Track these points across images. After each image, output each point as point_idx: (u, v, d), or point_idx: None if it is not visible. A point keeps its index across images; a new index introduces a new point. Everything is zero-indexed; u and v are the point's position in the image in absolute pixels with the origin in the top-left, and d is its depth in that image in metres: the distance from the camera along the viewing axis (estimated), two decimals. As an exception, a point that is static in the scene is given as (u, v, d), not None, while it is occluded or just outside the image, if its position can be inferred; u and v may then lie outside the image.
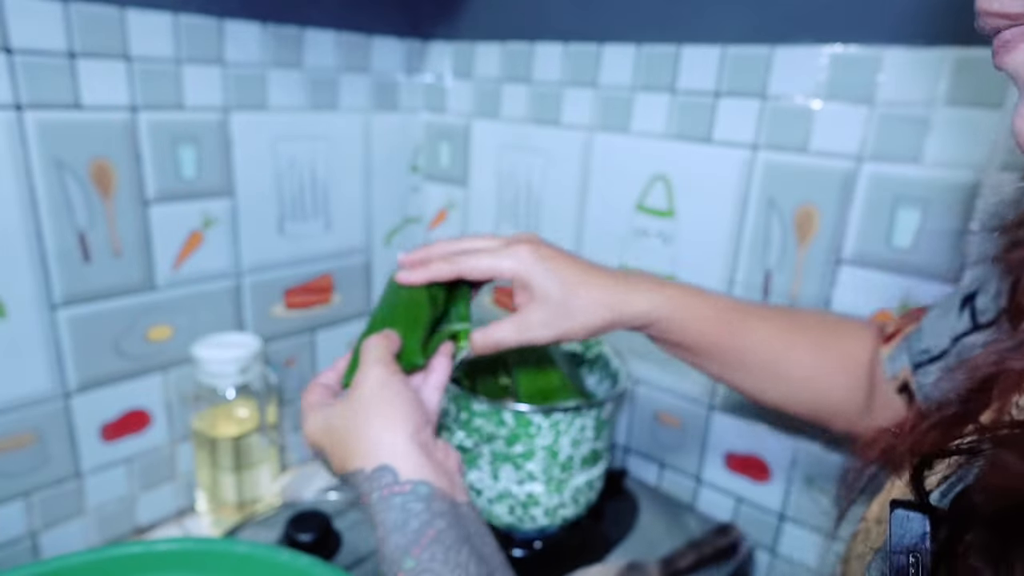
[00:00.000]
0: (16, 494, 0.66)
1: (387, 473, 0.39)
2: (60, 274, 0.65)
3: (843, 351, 0.50)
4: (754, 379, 0.51)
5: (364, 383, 0.43)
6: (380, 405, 0.41)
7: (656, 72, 0.74)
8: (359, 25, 0.84)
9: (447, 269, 0.49)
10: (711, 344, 0.50)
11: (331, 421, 0.43)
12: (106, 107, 0.64)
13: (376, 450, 0.40)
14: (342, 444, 0.42)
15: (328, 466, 0.45)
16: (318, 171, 0.84)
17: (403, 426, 0.40)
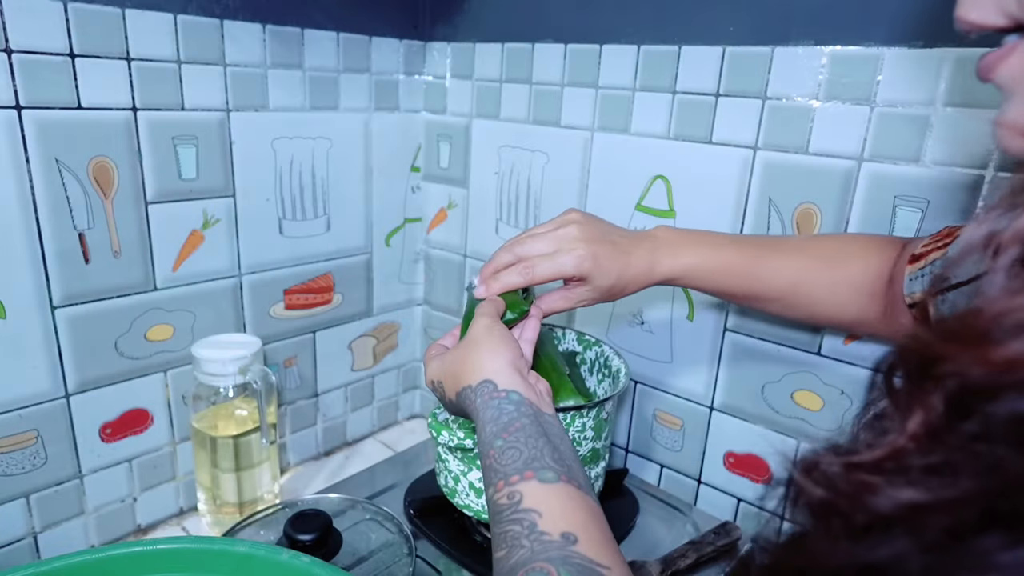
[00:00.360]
0: (16, 494, 0.66)
1: (488, 384, 0.48)
2: (60, 274, 0.65)
3: (859, 270, 0.56)
4: (776, 305, 0.60)
5: (474, 329, 0.53)
6: (486, 341, 0.51)
7: (656, 72, 0.74)
8: (359, 25, 0.84)
9: (518, 281, 0.56)
10: (733, 285, 0.58)
11: (446, 360, 0.53)
12: (106, 107, 0.64)
13: (481, 370, 0.49)
14: (454, 373, 0.52)
15: (443, 397, 0.54)
16: (318, 171, 0.84)
17: (503, 354, 0.50)
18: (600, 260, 0.55)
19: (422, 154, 0.98)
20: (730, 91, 0.70)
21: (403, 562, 0.66)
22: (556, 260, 0.55)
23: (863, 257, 0.56)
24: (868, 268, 0.56)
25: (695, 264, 0.57)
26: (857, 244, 0.58)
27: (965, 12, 0.26)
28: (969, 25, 0.27)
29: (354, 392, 0.98)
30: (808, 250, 0.58)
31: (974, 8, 0.26)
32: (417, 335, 1.06)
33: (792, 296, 0.58)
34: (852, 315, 0.57)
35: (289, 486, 0.88)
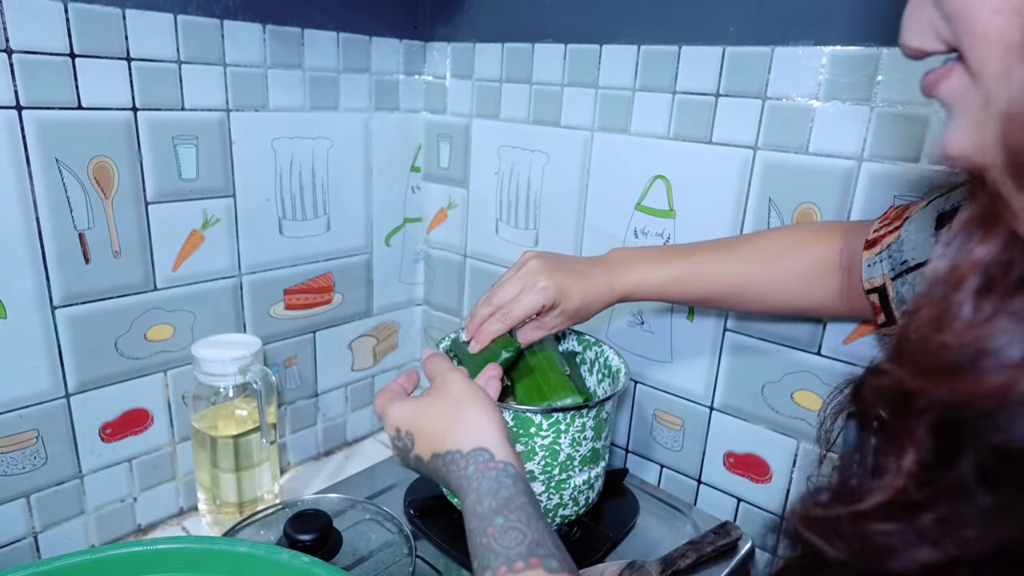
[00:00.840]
0: (16, 494, 0.66)
1: (484, 452, 0.46)
2: (60, 274, 0.65)
3: (803, 262, 0.59)
4: (728, 303, 0.64)
5: (450, 383, 0.51)
6: (472, 400, 0.49)
7: (656, 72, 0.74)
8: (359, 25, 0.84)
9: (500, 328, 0.62)
10: (683, 292, 0.62)
11: (421, 410, 0.51)
12: (106, 107, 0.64)
13: (473, 434, 0.47)
14: (434, 428, 0.49)
15: (407, 451, 0.51)
16: (318, 171, 0.84)
17: (494, 419, 0.48)
18: (563, 287, 0.60)
19: (422, 154, 0.98)
20: (730, 91, 0.70)
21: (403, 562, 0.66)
22: (525, 299, 0.60)
23: (806, 248, 0.59)
24: (813, 258, 0.58)
25: (644, 279, 0.62)
26: (797, 236, 0.61)
27: (908, 39, 0.28)
28: (912, 51, 0.28)
29: (354, 392, 0.98)
30: (750, 249, 0.61)
31: (915, 36, 0.28)
32: (417, 335, 1.06)
33: (739, 295, 0.61)
34: (805, 303, 0.61)
35: (289, 486, 0.88)
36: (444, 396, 0.50)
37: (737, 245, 0.62)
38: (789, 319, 0.71)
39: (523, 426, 0.63)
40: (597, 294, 0.61)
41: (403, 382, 0.57)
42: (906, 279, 0.49)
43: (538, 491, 0.66)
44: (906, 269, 0.49)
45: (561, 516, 0.68)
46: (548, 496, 0.66)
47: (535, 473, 0.65)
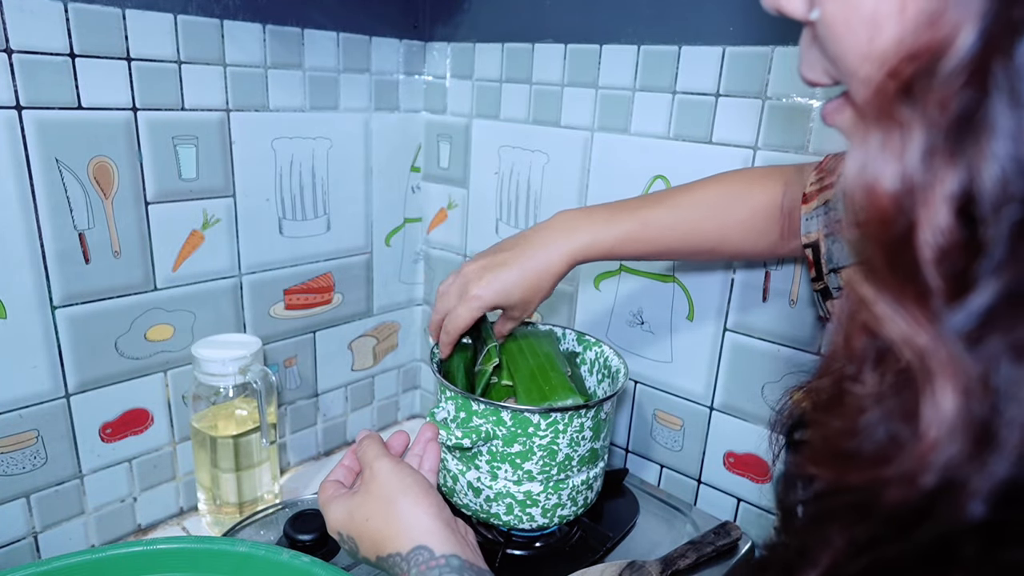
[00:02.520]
0: (16, 494, 0.66)
1: (423, 551, 0.43)
2: (60, 274, 0.65)
3: (745, 212, 0.60)
4: (682, 254, 0.64)
5: (378, 475, 0.48)
6: (400, 490, 0.47)
7: (656, 72, 0.74)
8: (359, 25, 0.84)
9: (447, 339, 0.65)
10: (635, 250, 0.61)
11: (354, 513, 0.47)
12: (106, 107, 0.64)
13: (408, 532, 0.44)
14: (370, 533, 0.46)
15: (355, 553, 0.48)
16: (318, 171, 0.84)
17: (427, 507, 0.46)
18: (499, 289, 0.61)
19: (422, 154, 0.98)
20: (730, 91, 0.70)
21: (403, 562, 0.65)
22: (461, 313, 0.62)
23: (750, 196, 0.60)
24: (757, 205, 0.59)
25: (593, 241, 0.60)
26: (739, 184, 0.61)
27: (803, 72, 0.30)
28: (807, 82, 0.30)
29: (354, 392, 0.98)
30: (696, 201, 0.61)
31: (808, 70, 0.29)
32: (417, 335, 1.06)
33: (689, 246, 0.62)
34: (752, 249, 0.62)
35: (289, 486, 0.88)
36: (374, 493, 0.47)
37: (681, 197, 0.62)
38: (790, 319, 0.71)
39: (521, 426, 0.63)
40: (540, 274, 0.60)
41: (344, 471, 0.54)
42: (837, 237, 0.50)
43: (536, 491, 0.66)
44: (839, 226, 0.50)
45: (560, 516, 0.68)
46: (547, 496, 0.66)
47: (533, 473, 0.65)
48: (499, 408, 0.62)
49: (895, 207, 0.20)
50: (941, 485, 0.20)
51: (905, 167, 0.20)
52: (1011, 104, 0.18)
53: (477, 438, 0.63)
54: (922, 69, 0.20)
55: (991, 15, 0.19)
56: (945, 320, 0.19)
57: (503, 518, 0.67)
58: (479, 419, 0.64)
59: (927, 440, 0.20)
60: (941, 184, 0.19)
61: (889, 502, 0.21)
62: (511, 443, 0.63)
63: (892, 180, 0.20)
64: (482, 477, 0.66)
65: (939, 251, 0.19)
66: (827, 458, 0.24)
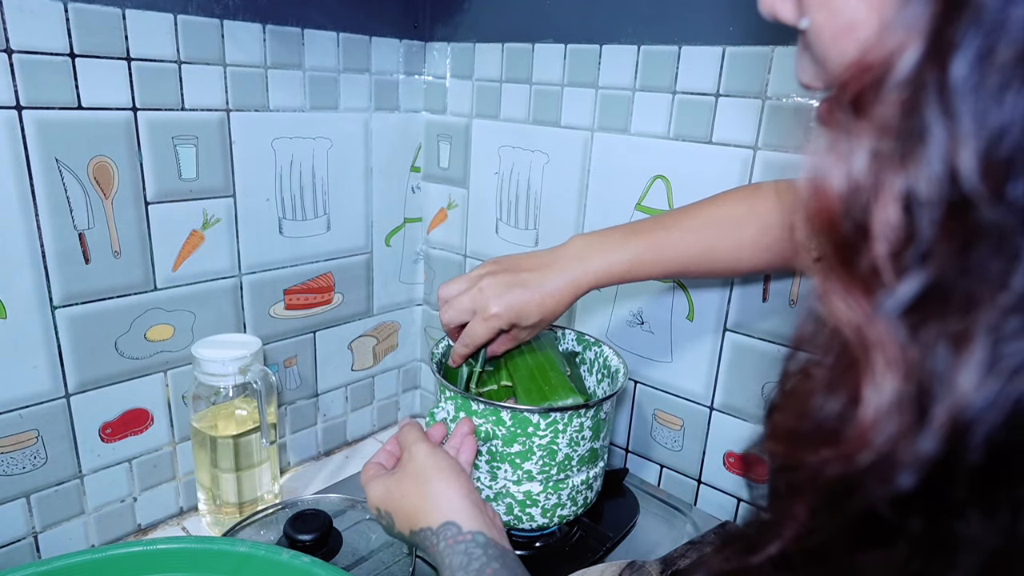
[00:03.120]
0: (16, 494, 0.66)
1: (451, 527, 0.47)
2: (60, 274, 0.65)
3: (756, 230, 0.60)
4: (697, 273, 0.64)
5: (415, 457, 0.53)
6: (435, 471, 0.51)
7: (656, 72, 0.74)
8: (359, 25, 0.84)
9: (464, 351, 0.66)
10: (649, 271, 0.62)
11: (392, 490, 0.52)
12: (106, 107, 0.64)
13: (440, 509, 0.49)
14: (405, 508, 0.51)
15: (391, 528, 0.53)
16: (318, 171, 0.84)
17: (458, 487, 0.50)
18: (518, 310, 0.61)
19: (422, 154, 0.98)
20: (730, 91, 0.70)
21: (403, 562, 0.66)
22: (479, 330, 0.62)
23: (756, 214, 0.60)
24: (765, 222, 0.60)
25: (607, 267, 0.61)
26: (744, 202, 0.62)
27: (798, 75, 0.31)
28: (802, 85, 0.31)
29: (354, 392, 0.98)
30: (707, 221, 0.62)
31: (803, 74, 0.31)
32: (417, 335, 1.06)
33: (703, 265, 0.62)
34: (766, 264, 0.62)
35: (289, 486, 0.88)
36: (411, 472, 0.52)
37: (692, 219, 0.62)
38: (790, 319, 0.71)
39: (521, 426, 0.63)
40: (558, 300, 0.61)
41: (386, 455, 0.58)
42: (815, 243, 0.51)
43: (536, 491, 0.66)
44: None
45: (560, 516, 0.68)
46: (546, 496, 0.66)
47: (532, 473, 0.65)
48: (499, 408, 0.62)
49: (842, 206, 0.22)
50: (876, 460, 0.21)
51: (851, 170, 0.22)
52: (943, 117, 0.20)
53: (477, 438, 0.63)
54: (871, 81, 0.22)
55: (931, 34, 0.20)
56: (882, 304, 0.21)
57: (503, 518, 0.67)
58: (479, 419, 0.64)
59: (865, 420, 0.21)
60: (890, 185, 0.21)
61: (829, 477, 0.23)
62: (511, 443, 0.63)
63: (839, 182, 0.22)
64: (482, 477, 0.66)
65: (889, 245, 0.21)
66: (781, 437, 0.26)
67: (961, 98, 0.19)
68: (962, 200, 0.20)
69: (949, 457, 0.21)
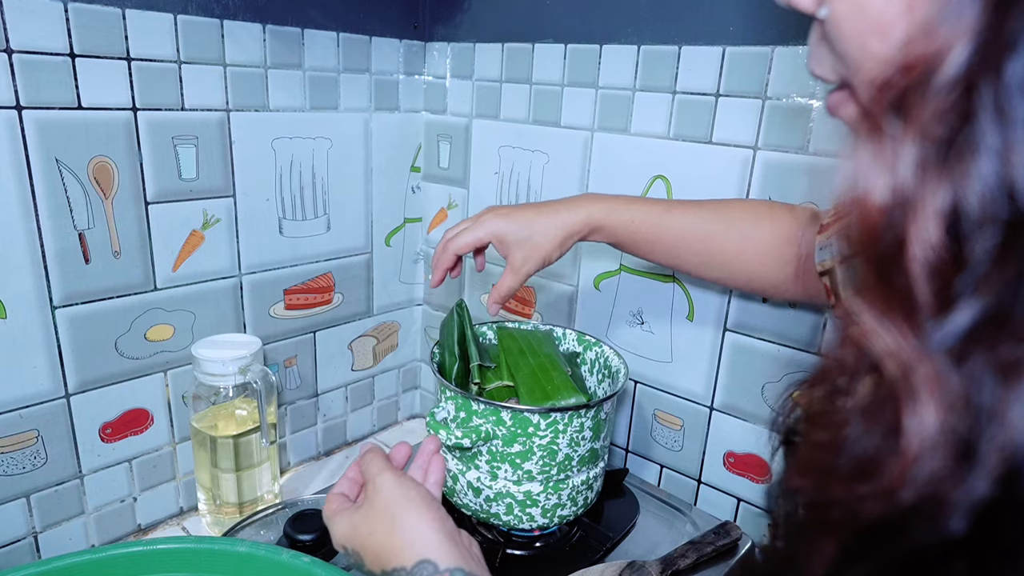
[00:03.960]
0: (16, 494, 0.66)
1: (428, 566, 0.43)
2: (60, 274, 0.65)
3: (767, 232, 0.59)
4: (690, 263, 0.62)
5: (380, 490, 0.48)
6: (403, 504, 0.46)
7: (656, 72, 0.74)
8: (359, 25, 0.84)
9: (446, 257, 0.64)
10: (648, 234, 0.61)
11: (358, 527, 0.47)
12: (106, 107, 0.64)
13: (412, 546, 0.44)
14: (374, 547, 0.46)
15: (360, 567, 0.48)
16: (318, 171, 0.84)
17: (430, 520, 0.45)
18: (509, 220, 0.62)
19: (422, 154, 0.98)
20: (730, 91, 0.70)
21: (403, 562, 0.65)
22: (470, 230, 0.62)
23: (770, 220, 0.59)
24: (775, 231, 0.59)
25: (608, 212, 0.61)
26: (763, 208, 0.61)
27: (811, 67, 0.30)
28: (815, 76, 0.30)
29: (354, 392, 0.98)
30: (720, 212, 0.61)
31: (816, 65, 0.30)
32: (417, 335, 1.06)
33: (705, 251, 0.61)
34: (764, 278, 0.60)
35: (289, 486, 0.88)
36: (377, 507, 0.47)
37: (705, 206, 0.62)
38: (789, 319, 0.71)
39: (521, 426, 0.63)
40: (547, 232, 0.61)
41: (348, 484, 0.54)
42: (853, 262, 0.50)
43: (536, 491, 0.66)
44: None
45: (560, 516, 0.68)
46: (546, 496, 0.66)
47: (533, 473, 0.65)
48: (499, 408, 0.62)
49: (885, 220, 0.20)
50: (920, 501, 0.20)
51: (896, 180, 0.20)
52: (998, 122, 0.18)
53: (477, 438, 0.63)
54: (915, 82, 0.20)
55: (983, 32, 0.18)
56: (929, 336, 0.19)
57: (503, 518, 0.67)
58: (479, 419, 0.64)
59: (907, 455, 0.20)
60: (932, 199, 0.19)
61: (868, 516, 0.21)
62: (511, 443, 0.63)
63: (883, 193, 0.20)
64: (482, 477, 0.66)
65: (928, 267, 0.19)
66: (811, 470, 0.24)
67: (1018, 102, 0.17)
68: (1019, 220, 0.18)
69: (1002, 498, 0.19)
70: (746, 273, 0.61)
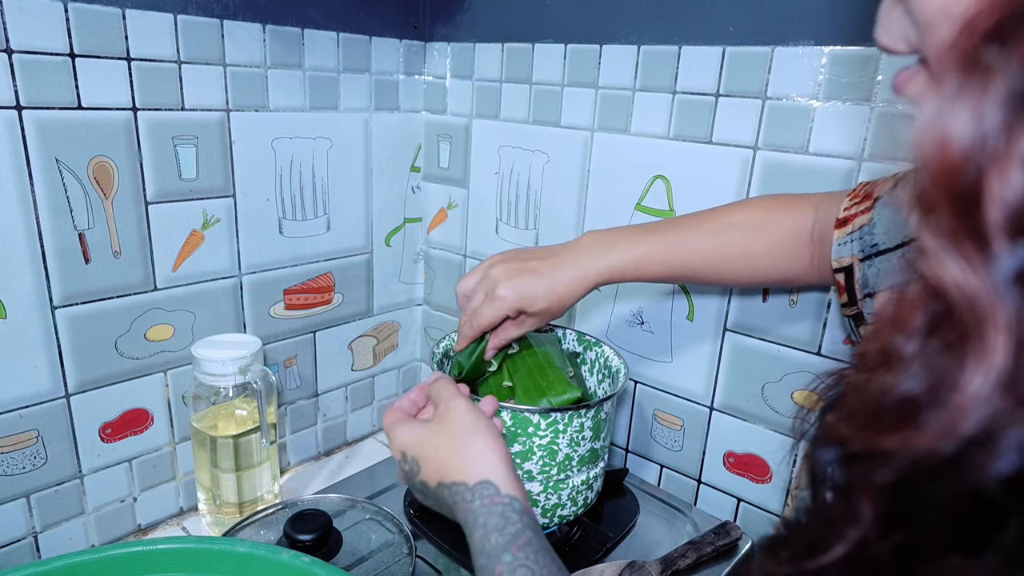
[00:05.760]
0: (16, 494, 0.66)
1: (489, 486, 0.46)
2: (60, 274, 0.65)
3: (774, 238, 0.59)
4: (705, 278, 0.62)
5: (456, 409, 0.50)
6: (476, 429, 0.49)
7: (656, 72, 0.74)
8: (359, 25, 0.84)
9: (470, 333, 0.65)
10: (659, 271, 0.61)
11: (424, 439, 0.50)
12: (106, 107, 0.64)
13: (475, 466, 0.47)
14: (438, 460, 0.49)
15: (412, 475, 0.51)
16: (318, 171, 0.84)
17: (498, 450, 0.48)
18: (525, 293, 0.60)
19: (422, 154, 0.98)
20: (730, 91, 0.70)
21: (403, 562, 0.66)
22: (486, 312, 0.62)
23: (776, 222, 0.59)
24: (784, 231, 0.58)
25: (619, 261, 0.60)
26: (766, 209, 0.60)
27: (879, 36, 0.29)
28: (881, 47, 0.29)
29: (354, 392, 0.98)
30: (723, 225, 0.61)
31: (885, 34, 0.29)
32: (417, 335, 1.06)
33: (715, 269, 0.60)
34: (777, 275, 0.60)
35: (289, 486, 0.88)
36: (449, 424, 0.50)
37: (707, 221, 0.61)
38: (790, 319, 0.71)
39: (521, 426, 0.63)
40: (567, 290, 0.60)
41: (409, 403, 0.56)
42: (874, 262, 0.49)
43: (536, 491, 0.66)
44: (875, 252, 0.49)
45: (560, 516, 0.68)
46: (546, 496, 0.66)
47: (533, 473, 0.65)
48: (499, 408, 0.62)
49: (966, 157, 0.19)
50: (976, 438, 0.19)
51: (982, 116, 0.19)
52: None
53: None
54: (1018, 10, 0.19)
55: None
56: (1000, 264, 0.19)
57: (503, 518, 0.67)
58: (479, 419, 0.64)
59: (969, 391, 0.19)
60: (1020, 138, 0.18)
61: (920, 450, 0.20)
62: (511, 443, 0.63)
63: (965, 130, 0.19)
64: (482, 477, 0.66)
65: (1009, 209, 0.18)
66: (862, 416, 0.23)
67: None
68: None
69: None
70: (754, 278, 0.61)
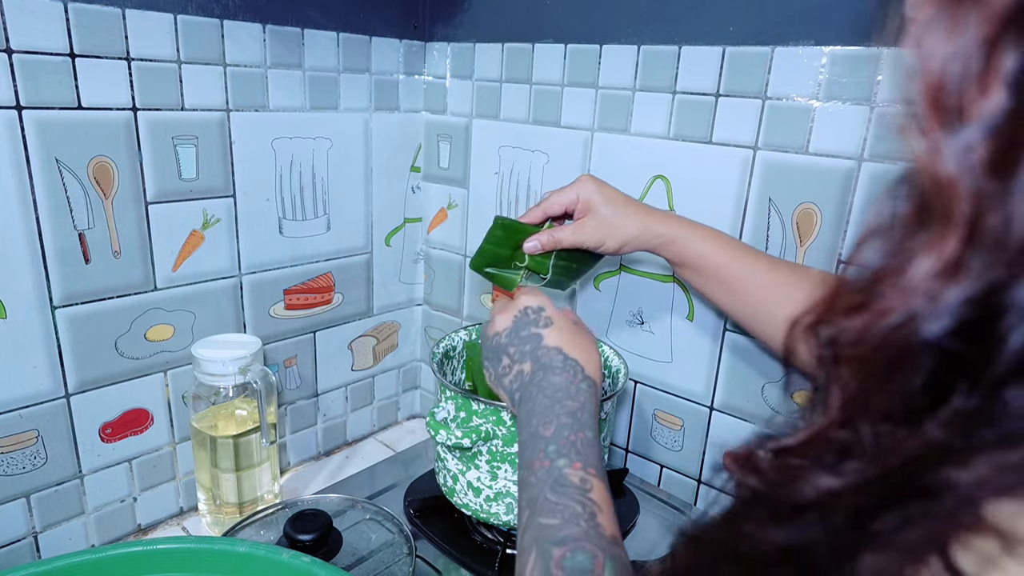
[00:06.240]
0: (16, 494, 0.66)
1: (592, 385, 0.52)
2: (60, 274, 0.65)
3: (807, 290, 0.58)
4: (750, 311, 0.61)
5: (567, 314, 0.58)
6: (586, 332, 0.57)
7: (656, 72, 0.74)
8: (359, 25, 0.84)
9: (537, 212, 0.66)
10: (716, 268, 0.60)
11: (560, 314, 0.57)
12: (106, 107, 0.64)
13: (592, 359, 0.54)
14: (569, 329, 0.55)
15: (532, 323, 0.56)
16: (318, 171, 0.84)
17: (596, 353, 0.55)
18: (604, 192, 0.62)
19: (422, 154, 0.98)
20: (730, 91, 0.70)
21: (403, 562, 0.66)
22: (563, 192, 0.63)
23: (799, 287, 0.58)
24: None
25: (682, 229, 0.61)
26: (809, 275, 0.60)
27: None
28: None
29: (354, 392, 0.98)
30: (795, 268, 0.61)
31: None
32: (417, 335, 1.06)
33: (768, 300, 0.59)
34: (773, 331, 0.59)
35: (289, 486, 0.88)
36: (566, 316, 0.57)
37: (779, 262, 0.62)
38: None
39: (523, 426, 0.63)
40: (632, 217, 0.62)
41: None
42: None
43: (538, 491, 0.66)
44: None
45: (561, 516, 0.68)
46: (548, 496, 0.66)
47: (535, 473, 0.65)
48: (499, 408, 0.62)
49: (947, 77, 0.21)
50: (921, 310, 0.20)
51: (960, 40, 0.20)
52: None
53: (477, 438, 0.63)
54: None
55: None
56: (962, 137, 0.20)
57: (503, 518, 0.67)
58: (479, 419, 0.64)
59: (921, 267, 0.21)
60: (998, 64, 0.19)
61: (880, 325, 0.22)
62: (511, 443, 0.63)
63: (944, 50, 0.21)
64: (482, 477, 0.66)
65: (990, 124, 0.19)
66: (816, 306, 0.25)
67: None
68: None
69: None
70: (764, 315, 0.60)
